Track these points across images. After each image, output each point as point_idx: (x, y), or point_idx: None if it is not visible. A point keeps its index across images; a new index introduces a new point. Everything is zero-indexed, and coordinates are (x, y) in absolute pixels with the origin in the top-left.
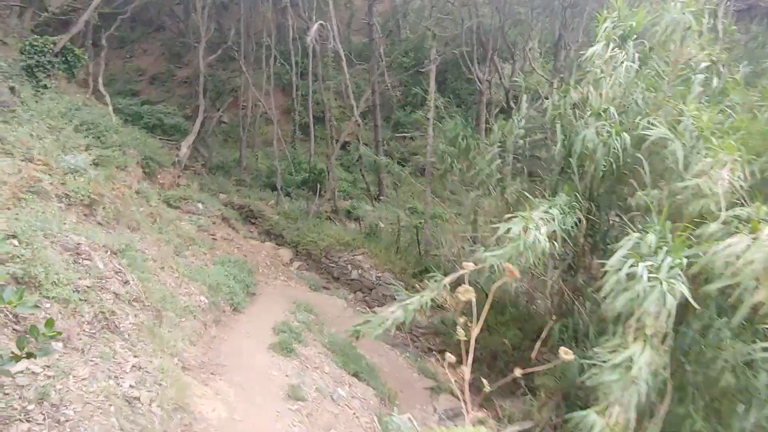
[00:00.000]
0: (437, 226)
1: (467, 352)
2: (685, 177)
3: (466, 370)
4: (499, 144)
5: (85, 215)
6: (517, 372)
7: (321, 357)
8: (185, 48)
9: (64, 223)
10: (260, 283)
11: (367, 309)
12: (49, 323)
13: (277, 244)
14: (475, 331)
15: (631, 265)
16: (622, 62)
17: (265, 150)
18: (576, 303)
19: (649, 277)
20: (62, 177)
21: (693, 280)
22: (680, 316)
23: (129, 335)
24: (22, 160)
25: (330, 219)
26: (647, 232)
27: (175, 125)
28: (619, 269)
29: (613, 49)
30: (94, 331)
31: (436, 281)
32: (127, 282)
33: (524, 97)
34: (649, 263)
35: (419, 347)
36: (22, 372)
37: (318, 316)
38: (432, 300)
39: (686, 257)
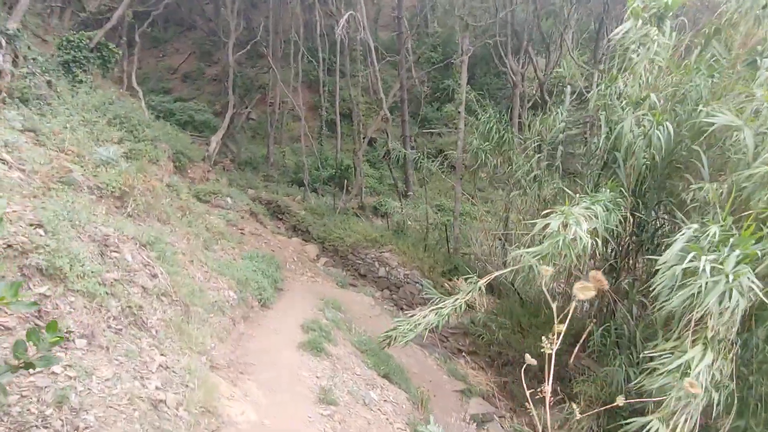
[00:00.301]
0: (466, 223)
1: (499, 355)
2: (753, 166)
3: (547, 389)
4: (538, 138)
5: (116, 207)
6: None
7: (351, 357)
8: (215, 46)
9: (94, 215)
10: (287, 279)
11: (395, 307)
12: (52, 326)
13: (303, 239)
14: (555, 345)
15: (691, 260)
16: (655, 41)
17: (292, 146)
18: (619, 306)
19: (711, 272)
20: (94, 169)
21: (762, 280)
22: (741, 323)
23: (156, 331)
24: (54, 151)
25: (357, 215)
26: (707, 225)
27: (205, 121)
28: (675, 265)
29: (645, 28)
30: (120, 326)
31: (469, 283)
32: (155, 275)
33: (568, 88)
34: (712, 257)
35: (448, 348)
36: (41, 372)
37: (346, 314)
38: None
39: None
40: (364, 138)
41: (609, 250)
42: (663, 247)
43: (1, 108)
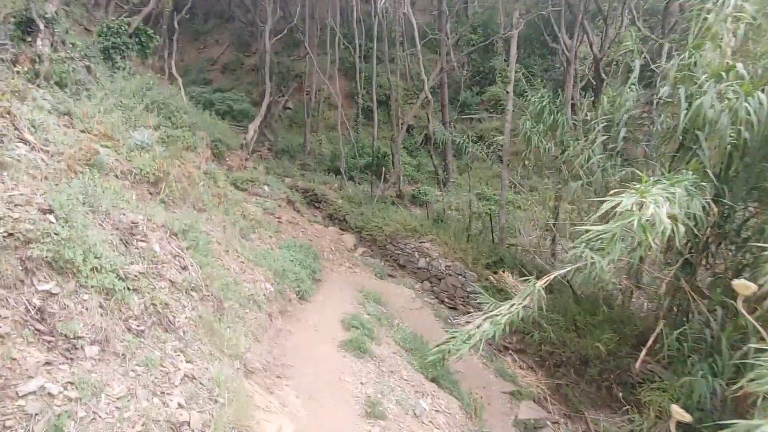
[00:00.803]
0: (509, 213)
1: (551, 354)
2: None
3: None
4: (604, 118)
5: (150, 193)
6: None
7: (396, 358)
8: (253, 37)
9: (124, 200)
10: (325, 269)
11: (435, 300)
12: None
13: (341, 228)
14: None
15: None
16: None
17: (328, 135)
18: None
19: None
20: (128, 153)
21: None
22: None
23: (184, 332)
24: (85, 133)
25: (394, 204)
26: None
27: (243, 110)
28: None
29: None
30: (142, 327)
31: (526, 283)
32: (185, 268)
33: (636, 61)
34: None
35: (493, 345)
36: (34, 393)
37: (387, 308)
38: (505, 293)
39: None
40: (402, 124)
41: (685, 242)
42: (753, 241)
43: (29, 90)
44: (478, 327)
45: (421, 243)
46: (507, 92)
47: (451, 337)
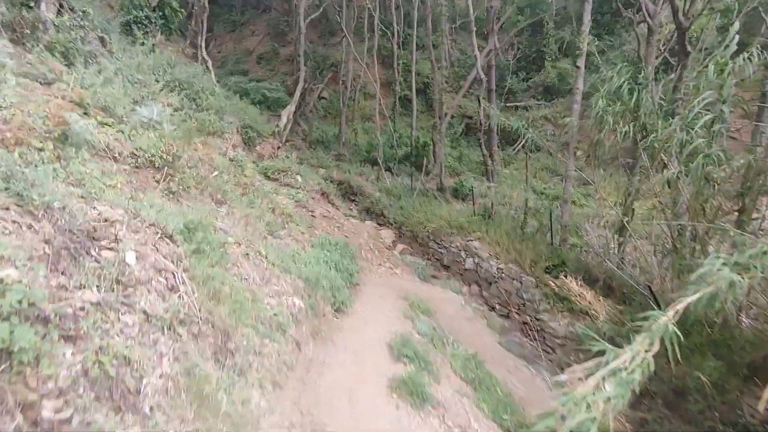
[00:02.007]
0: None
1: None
2: None
3: None
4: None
5: (155, 181)
6: None
7: (462, 402)
8: (289, 27)
9: (103, 187)
10: (363, 270)
11: (485, 306)
12: None
13: (378, 223)
14: None
15: None
16: None
17: (364, 125)
18: None
19: None
20: (131, 131)
21: None
22: None
23: (150, 410)
24: (66, 102)
25: (435, 197)
26: None
27: (278, 100)
28: None
29: None
30: (66, 414)
31: (653, 320)
32: (174, 288)
33: (735, 24)
34: None
35: (555, 362)
36: None
37: (436, 318)
38: (568, 301)
39: None
40: (445, 113)
41: None
42: None
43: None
44: (597, 389)
45: (468, 241)
46: (577, 67)
47: (561, 404)
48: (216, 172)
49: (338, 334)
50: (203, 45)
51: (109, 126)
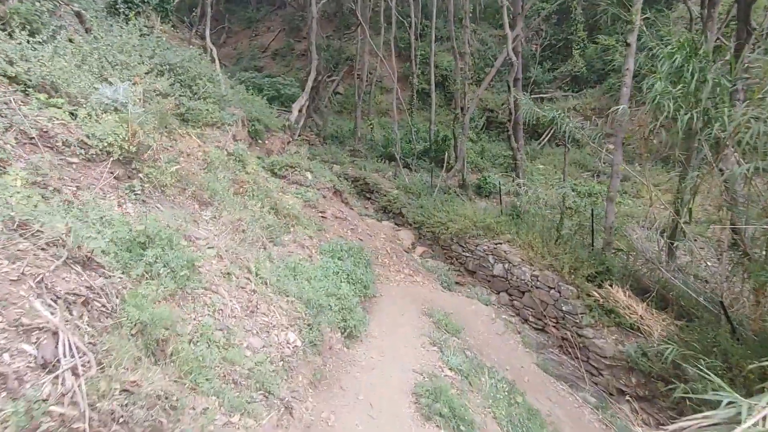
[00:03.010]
0: (598, 205)
1: (693, 410)
2: None
3: None
4: None
5: (115, 177)
6: None
7: None
8: (304, 21)
9: None
10: (380, 279)
11: (516, 318)
12: None
13: (396, 224)
14: None
15: None
16: None
17: (380, 120)
18: None
19: None
20: (84, 115)
21: None
22: None
23: None
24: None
25: (457, 195)
26: None
27: (292, 95)
28: None
29: None
30: None
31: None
32: (50, 364)
33: None
34: None
35: (601, 385)
36: None
37: (465, 336)
38: (615, 315)
39: None
40: (467, 105)
41: None
42: None
43: None
44: None
45: (496, 244)
46: (627, 44)
47: None
48: (224, 171)
49: (348, 375)
50: (208, 32)
51: (56, 108)
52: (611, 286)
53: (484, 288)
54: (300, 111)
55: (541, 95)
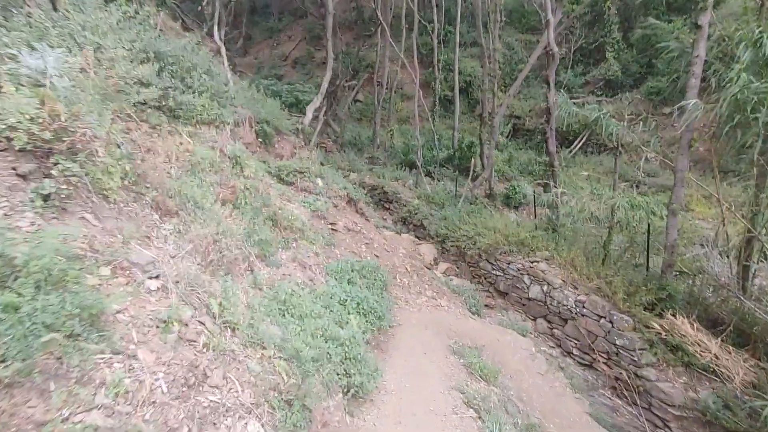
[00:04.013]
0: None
1: None
2: None
3: None
4: None
5: (17, 175)
6: None
7: None
8: (324, 30)
9: None
10: (398, 303)
11: (557, 349)
12: None
13: (417, 236)
14: None
15: None
16: None
17: (401, 128)
18: None
19: None
20: None
21: None
22: None
23: None
24: None
25: (485, 206)
26: None
27: (310, 103)
28: None
29: None
30: None
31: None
32: None
33: None
34: None
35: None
36: None
37: (502, 379)
38: (683, 352)
39: None
40: (495, 112)
41: None
42: None
43: None
44: None
45: (532, 262)
46: (698, 26)
47: None
48: (212, 175)
49: None
50: (216, 28)
51: None
52: (674, 316)
53: (518, 313)
54: (316, 117)
55: (573, 100)
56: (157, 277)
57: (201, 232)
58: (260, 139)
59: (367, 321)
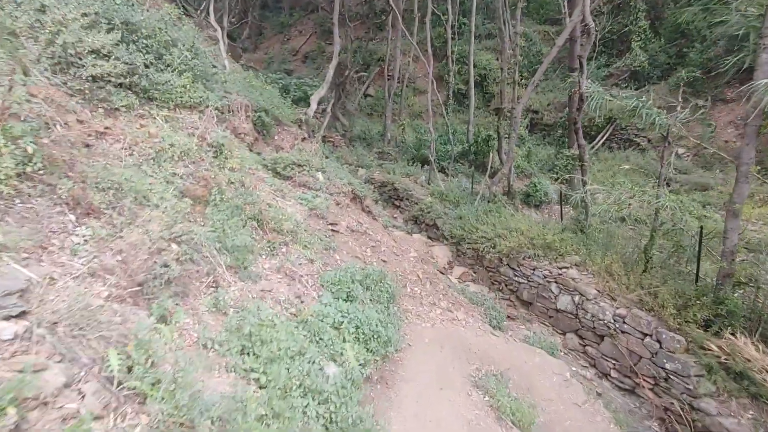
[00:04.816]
0: (682, 224)
1: None
2: None
3: None
4: None
5: None
6: None
7: None
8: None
9: None
10: (408, 315)
11: (590, 369)
12: None
13: (429, 237)
14: None
15: None
16: None
17: (413, 123)
18: None
19: None
20: None
21: None
22: None
23: None
24: None
25: (504, 205)
26: None
27: (321, 98)
28: None
29: None
30: None
31: None
32: None
33: None
34: None
35: None
36: None
37: (536, 415)
38: (749, 380)
39: None
40: (515, 101)
41: None
42: None
43: None
44: None
45: (561, 269)
46: (764, 5)
47: None
48: (155, 159)
49: None
50: (211, 10)
51: None
52: (734, 335)
53: (544, 325)
54: (324, 110)
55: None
56: (18, 316)
57: (136, 240)
58: (258, 130)
59: (368, 349)
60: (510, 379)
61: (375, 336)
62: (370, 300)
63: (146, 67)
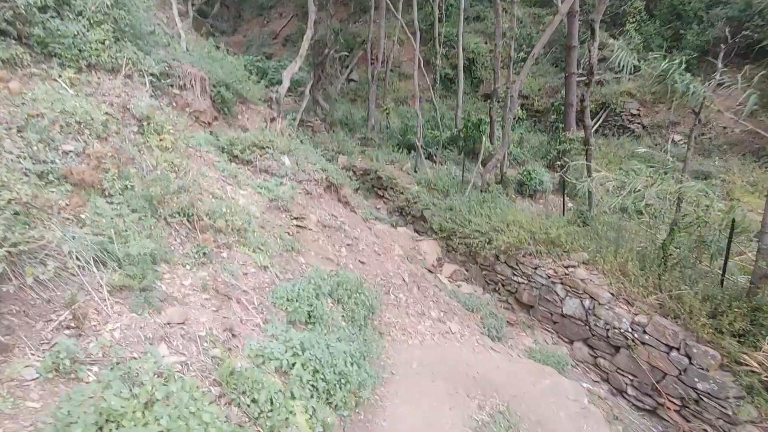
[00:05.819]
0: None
1: None
2: None
3: None
4: None
5: None
6: None
7: None
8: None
9: None
10: (391, 331)
11: (602, 386)
12: None
13: (416, 231)
14: None
15: None
16: None
17: (398, 109)
18: None
19: None
20: None
21: None
22: None
23: None
24: None
25: (498, 194)
26: None
27: (299, 80)
28: None
29: None
30: None
31: None
32: None
33: None
34: None
35: None
36: None
37: None
38: None
39: None
40: (510, 82)
41: None
42: None
43: None
44: None
45: (567, 268)
46: None
47: None
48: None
49: None
50: None
51: None
52: None
53: (547, 332)
54: (302, 92)
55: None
56: None
57: None
58: (218, 108)
59: (330, 404)
60: (516, 413)
61: (341, 381)
62: (342, 319)
63: (41, 11)
